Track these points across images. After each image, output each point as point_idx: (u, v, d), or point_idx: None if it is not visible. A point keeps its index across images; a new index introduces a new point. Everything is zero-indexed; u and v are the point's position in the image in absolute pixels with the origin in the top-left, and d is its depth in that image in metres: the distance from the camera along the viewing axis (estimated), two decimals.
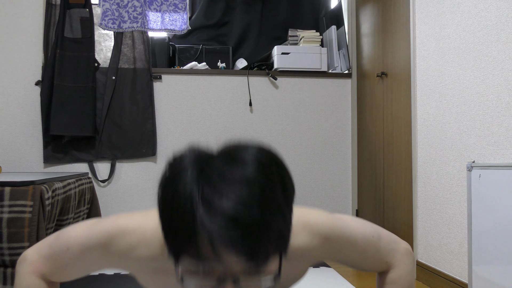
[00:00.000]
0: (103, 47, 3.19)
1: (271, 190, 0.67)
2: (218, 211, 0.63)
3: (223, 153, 0.70)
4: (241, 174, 0.65)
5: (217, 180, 0.65)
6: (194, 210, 0.64)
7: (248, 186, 0.65)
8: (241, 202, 0.63)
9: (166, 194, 0.69)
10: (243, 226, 0.63)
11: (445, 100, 1.97)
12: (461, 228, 1.85)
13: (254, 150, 0.69)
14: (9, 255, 1.62)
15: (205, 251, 0.65)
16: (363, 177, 3.02)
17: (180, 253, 0.68)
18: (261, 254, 0.65)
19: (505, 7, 1.59)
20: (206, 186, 0.65)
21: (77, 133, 2.82)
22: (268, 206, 0.65)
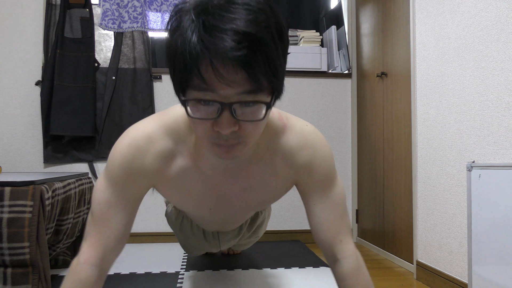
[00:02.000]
0: (103, 47, 3.20)
1: (267, 18, 0.73)
2: (218, 29, 0.69)
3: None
4: (240, 4, 0.72)
5: (218, 10, 0.70)
6: (195, 35, 0.70)
7: (247, 11, 0.71)
8: (240, 20, 0.69)
9: (170, 33, 0.76)
10: (241, 37, 0.68)
11: (445, 100, 1.97)
12: (461, 228, 1.85)
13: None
14: (9, 255, 1.62)
15: (206, 74, 0.71)
16: (363, 177, 3.02)
17: (184, 84, 0.74)
18: (256, 69, 0.71)
19: (505, 7, 1.59)
20: (208, 16, 0.70)
21: (77, 133, 2.82)
22: (264, 27, 0.71)
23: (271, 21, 0.74)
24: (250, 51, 0.69)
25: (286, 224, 3.09)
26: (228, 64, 0.69)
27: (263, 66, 0.71)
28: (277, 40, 0.74)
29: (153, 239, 2.95)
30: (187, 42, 0.70)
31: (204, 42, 0.69)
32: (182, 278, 2.07)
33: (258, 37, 0.70)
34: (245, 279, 2.06)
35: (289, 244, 2.90)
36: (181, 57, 0.72)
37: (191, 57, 0.70)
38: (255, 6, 0.72)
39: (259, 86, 0.72)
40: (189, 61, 0.71)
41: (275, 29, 0.74)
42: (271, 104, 0.78)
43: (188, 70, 0.71)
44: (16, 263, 1.63)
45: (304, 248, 2.78)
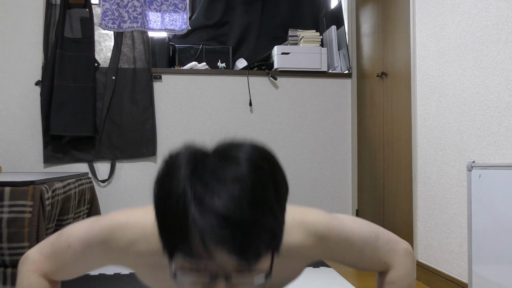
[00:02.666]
0: (103, 47, 3.20)
1: (263, 189, 0.67)
2: (209, 210, 0.64)
3: (217, 151, 0.71)
4: (233, 173, 0.66)
5: (210, 178, 0.66)
6: (186, 208, 0.65)
7: (240, 185, 0.65)
8: (232, 201, 0.64)
9: (160, 192, 0.70)
10: (233, 224, 0.64)
11: (445, 100, 1.97)
12: (461, 228, 1.85)
13: (248, 149, 0.70)
14: (9, 255, 1.62)
15: (197, 249, 0.66)
16: (363, 177, 3.02)
17: (173, 250, 0.69)
18: (251, 252, 0.66)
19: (505, 7, 1.59)
20: (199, 185, 0.66)
21: (77, 133, 2.82)
22: (259, 205, 0.66)
23: (270, 193, 0.68)
24: (246, 238, 0.64)
25: None
26: (222, 248, 0.64)
27: (261, 243, 0.66)
28: (277, 208, 0.69)
29: None
30: (178, 213, 0.66)
31: (195, 221, 0.64)
32: None
33: (255, 223, 0.65)
34: None
35: None
36: (171, 224, 0.67)
37: (182, 230, 0.65)
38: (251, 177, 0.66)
39: (257, 260, 0.68)
40: (180, 233, 0.66)
41: (275, 197, 0.69)
42: (271, 267, 0.73)
43: (178, 240, 0.66)
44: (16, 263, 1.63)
45: None
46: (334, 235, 0.96)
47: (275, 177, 0.71)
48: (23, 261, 0.96)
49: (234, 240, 0.64)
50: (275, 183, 0.70)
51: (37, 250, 0.97)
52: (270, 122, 3.09)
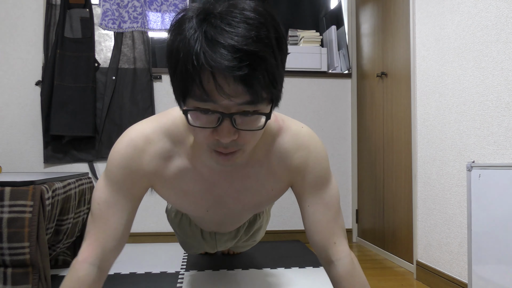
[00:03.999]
0: (103, 47, 3.20)
1: (266, 31, 0.74)
2: (219, 44, 0.70)
3: (224, 3, 0.77)
4: (240, 17, 0.72)
5: (219, 22, 0.72)
6: (198, 47, 0.71)
7: (247, 25, 0.72)
8: (240, 36, 0.71)
9: (172, 39, 0.77)
10: (241, 54, 0.70)
11: (445, 100, 1.97)
12: (461, 228, 1.85)
13: (252, 3, 0.76)
14: (9, 255, 1.62)
15: (208, 86, 0.73)
16: (363, 177, 3.02)
17: (186, 92, 0.76)
18: (256, 84, 0.73)
19: (505, 7, 1.59)
20: (209, 28, 0.72)
21: (77, 133, 2.82)
22: (264, 44, 0.73)
23: (272, 35, 0.74)
24: (251, 69, 0.71)
25: (286, 224, 3.09)
26: (229, 79, 0.71)
27: (263, 80, 0.73)
28: (277, 52, 0.76)
29: (153, 239, 2.95)
30: (189, 53, 0.72)
31: (205, 56, 0.70)
32: (182, 278, 2.07)
33: (258, 55, 0.72)
34: (245, 279, 2.06)
35: (289, 244, 2.90)
36: (183, 67, 0.73)
37: (193, 68, 0.72)
38: (255, 19, 0.73)
39: (258, 97, 0.75)
40: (191, 72, 0.72)
41: (276, 42, 0.75)
42: (270, 113, 0.81)
43: (190, 80, 0.73)
44: (16, 263, 1.63)
45: (304, 248, 2.78)
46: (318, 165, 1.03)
47: (276, 28, 0.77)
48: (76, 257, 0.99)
49: (241, 69, 0.70)
50: (276, 32, 0.76)
51: (84, 239, 1.01)
52: None
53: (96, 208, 0.98)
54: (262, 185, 1.05)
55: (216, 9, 0.74)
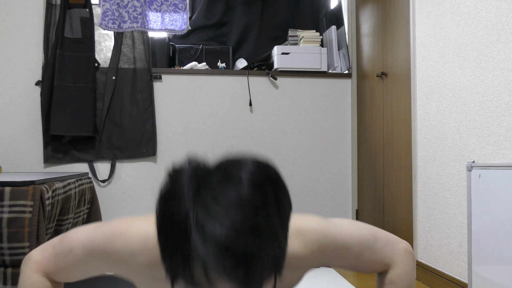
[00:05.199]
0: (103, 47, 3.20)
1: (266, 214, 0.65)
2: (211, 238, 0.62)
3: (220, 169, 0.69)
4: (234, 196, 0.64)
5: (211, 203, 0.64)
6: (188, 235, 0.63)
7: (242, 210, 0.63)
8: (234, 229, 0.62)
9: (162, 215, 0.68)
10: (236, 254, 0.62)
11: (445, 100, 1.97)
12: (461, 228, 1.85)
13: (250, 168, 0.68)
14: (9, 255, 1.62)
15: (199, 278, 0.65)
16: (363, 177, 3.02)
17: (175, 276, 0.67)
18: (255, 281, 0.64)
19: (505, 7, 1.59)
20: (200, 210, 0.64)
21: (77, 133, 2.82)
22: (262, 232, 0.63)
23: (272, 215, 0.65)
24: (248, 268, 0.62)
25: None
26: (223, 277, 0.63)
27: (264, 273, 0.65)
28: (280, 230, 0.66)
29: None
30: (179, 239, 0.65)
31: (197, 249, 0.63)
32: None
33: (257, 253, 0.63)
34: None
35: None
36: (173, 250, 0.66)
37: (183, 258, 0.65)
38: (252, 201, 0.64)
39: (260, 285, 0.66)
40: (181, 260, 0.65)
41: (277, 218, 0.66)
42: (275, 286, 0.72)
43: (180, 267, 0.66)
44: (16, 263, 1.63)
45: None
46: (331, 242, 0.95)
47: (278, 198, 0.68)
48: (25, 261, 0.97)
49: (236, 271, 0.62)
50: (278, 204, 0.67)
51: (40, 251, 0.97)
52: (270, 122, 3.09)
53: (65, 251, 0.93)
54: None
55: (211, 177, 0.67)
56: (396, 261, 1.03)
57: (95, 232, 0.92)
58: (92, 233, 0.93)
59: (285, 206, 0.69)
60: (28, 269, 0.96)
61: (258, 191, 0.65)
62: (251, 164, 0.69)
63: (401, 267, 1.03)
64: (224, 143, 3.04)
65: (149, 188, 2.97)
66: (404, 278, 1.03)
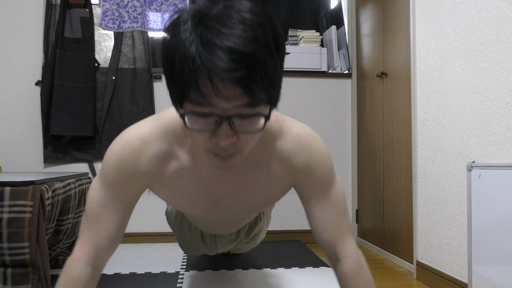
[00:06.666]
0: (103, 47, 3.20)
1: (264, 32, 0.72)
2: (215, 46, 0.68)
3: (220, 4, 0.74)
4: (237, 18, 0.71)
5: (215, 24, 0.70)
6: (193, 49, 0.69)
7: (244, 26, 0.70)
8: (237, 38, 0.69)
9: (167, 42, 0.74)
10: (238, 56, 0.68)
11: (445, 100, 1.97)
12: (461, 228, 1.85)
13: (249, 4, 0.74)
14: (9, 255, 1.62)
15: (205, 89, 0.71)
16: (363, 177, 3.02)
17: (183, 96, 0.74)
18: (254, 86, 0.71)
19: (505, 7, 1.59)
20: (205, 30, 0.70)
21: (77, 133, 2.82)
22: (261, 45, 0.71)
23: (269, 36, 0.73)
24: (248, 70, 0.69)
25: (286, 224, 3.09)
26: (226, 81, 0.69)
27: (261, 82, 0.71)
28: (275, 54, 0.74)
29: (153, 239, 2.95)
30: (185, 57, 0.70)
31: (202, 59, 0.69)
32: (182, 278, 2.07)
33: (256, 56, 0.70)
34: (245, 279, 2.06)
35: (289, 244, 2.90)
36: (179, 70, 0.71)
37: (189, 72, 0.70)
38: (252, 20, 0.71)
39: (257, 99, 0.73)
40: (187, 76, 0.70)
41: (273, 43, 0.73)
42: (269, 115, 0.79)
43: (186, 84, 0.71)
44: (16, 263, 1.63)
45: (304, 248, 2.78)
46: (322, 165, 1.02)
47: (274, 28, 0.75)
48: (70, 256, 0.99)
49: (239, 71, 0.68)
50: (274, 33, 0.74)
51: (78, 238, 1.00)
52: None
53: (90, 208, 0.98)
54: (262, 186, 1.05)
55: (212, 11, 0.72)
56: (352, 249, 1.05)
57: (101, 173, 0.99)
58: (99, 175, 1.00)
59: (280, 40, 0.76)
60: (68, 261, 0.97)
61: (257, 17, 0.72)
62: (249, 3, 0.75)
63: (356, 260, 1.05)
64: None
65: None
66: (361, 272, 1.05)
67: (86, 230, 0.98)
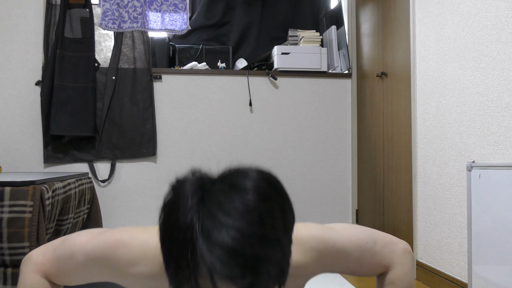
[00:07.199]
0: (103, 47, 3.20)
1: (271, 221, 0.65)
2: (217, 244, 0.62)
3: (224, 179, 0.69)
4: (240, 204, 0.64)
5: (217, 210, 0.64)
6: (193, 242, 0.64)
7: (248, 217, 0.64)
8: (240, 235, 0.62)
9: (166, 223, 0.68)
10: (242, 260, 0.62)
11: (445, 100, 1.97)
12: (461, 228, 1.85)
13: (254, 177, 0.68)
14: (9, 255, 1.62)
15: (205, 285, 0.65)
16: (363, 177, 3.02)
17: (180, 285, 0.67)
18: (260, 286, 0.64)
19: (505, 7, 1.59)
20: (206, 217, 0.64)
21: (77, 133, 2.82)
22: (268, 239, 0.64)
23: (277, 219, 0.66)
24: (255, 274, 0.63)
25: None
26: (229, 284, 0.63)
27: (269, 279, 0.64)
28: (284, 238, 0.67)
29: None
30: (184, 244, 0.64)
31: (203, 254, 0.63)
32: None
33: (262, 256, 0.63)
34: None
35: None
36: (178, 258, 0.66)
37: (188, 264, 0.64)
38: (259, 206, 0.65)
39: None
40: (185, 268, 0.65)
41: (283, 225, 0.67)
42: None
43: (185, 277, 0.65)
44: (16, 263, 1.63)
45: None
46: (330, 247, 0.95)
47: (282, 207, 0.69)
48: (26, 261, 0.97)
49: (242, 277, 0.62)
50: (282, 213, 0.68)
51: (40, 252, 0.97)
52: (270, 122, 3.09)
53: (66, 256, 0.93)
54: None
55: (215, 186, 0.67)
56: (395, 261, 1.03)
57: (97, 238, 0.92)
58: (94, 240, 0.92)
59: (289, 215, 0.70)
60: (28, 269, 0.96)
61: (263, 199, 0.66)
62: (255, 174, 0.69)
63: (400, 267, 1.03)
64: (224, 143, 3.04)
65: (149, 188, 2.97)
66: (404, 278, 1.04)
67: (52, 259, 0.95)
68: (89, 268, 0.92)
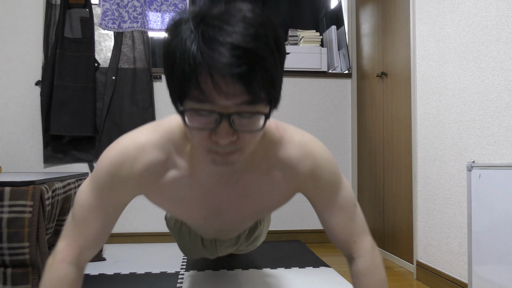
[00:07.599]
0: (103, 47, 3.20)
1: (265, 32, 0.73)
2: (217, 42, 0.69)
3: (221, 5, 0.75)
4: (238, 16, 0.71)
5: (217, 22, 0.71)
6: (194, 47, 0.70)
7: (245, 24, 0.71)
8: (240, 34, 0.69)
9: (168, 41, 0.75)
10: (240, 53, 0.69)
11: (445, 100, 1.97)
12: (461, 228, 1.85)
13: (250, 5, 0.75)
14: (9, 255, 1.62)
15: (205, 86, 0.71)
16: (363, 177, 3.02)
17: (182, 95, 0.74)
18: (255, 83, 0.71)
19: (505, 7, 1.59)
20: (206, 27, 0.71)
21: (77, 133, 2.82)
22: (263, 43, 0.71)
23: (270, 35, 0.73)
24: (249, 66, 0.69)
25: (286, 224, 3.09)
26: (227, 77, 0.69)
27: (262, 79, 0.72)
28: (275, 53, 0.74)
29: (153, 239, 2.95)
30: (186, 53, 0.70)
31: (203, 55, 0.69)
32: (182, 278, 2.07)
33: (257, 53, 0.70)
34: (245, 279, 2.06)
35: (289, 244, 2.90)
36: (179, 67, 0.72)
37: (190, 68, 0.70)
38: (254, 19, 0.72)
39: (257, 97, 0.73)
40: (188, 73, 0.71)
41: (274, 42, 0.74)
42: (269, 114, 0.79)
43: (187, 81, 0.71)
44: (16, 263, 1.63)
45: (304, 248, 2.78)
46: (327, 170, 1.02)
47: (275, 29, 0.75)
48: (51, 256, 0.98)
49: (240, 67, 0.69)
50: (275, 33, 0.75)
51: (60, 239, 1.00)
52: None
53: (79, 210, 0.97)
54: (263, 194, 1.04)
55: (213, 11, 0.73)
56: (366, 248, 1.06)
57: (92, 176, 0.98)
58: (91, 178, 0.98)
59: (281, 41, 0.77)
60: (53, 261, 0.97)
61: (258, 16, 0.73)
62: (250, 4, 0.76)
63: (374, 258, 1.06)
64: None
65: None
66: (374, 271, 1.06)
67: (72, 231, 0.98)
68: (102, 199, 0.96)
